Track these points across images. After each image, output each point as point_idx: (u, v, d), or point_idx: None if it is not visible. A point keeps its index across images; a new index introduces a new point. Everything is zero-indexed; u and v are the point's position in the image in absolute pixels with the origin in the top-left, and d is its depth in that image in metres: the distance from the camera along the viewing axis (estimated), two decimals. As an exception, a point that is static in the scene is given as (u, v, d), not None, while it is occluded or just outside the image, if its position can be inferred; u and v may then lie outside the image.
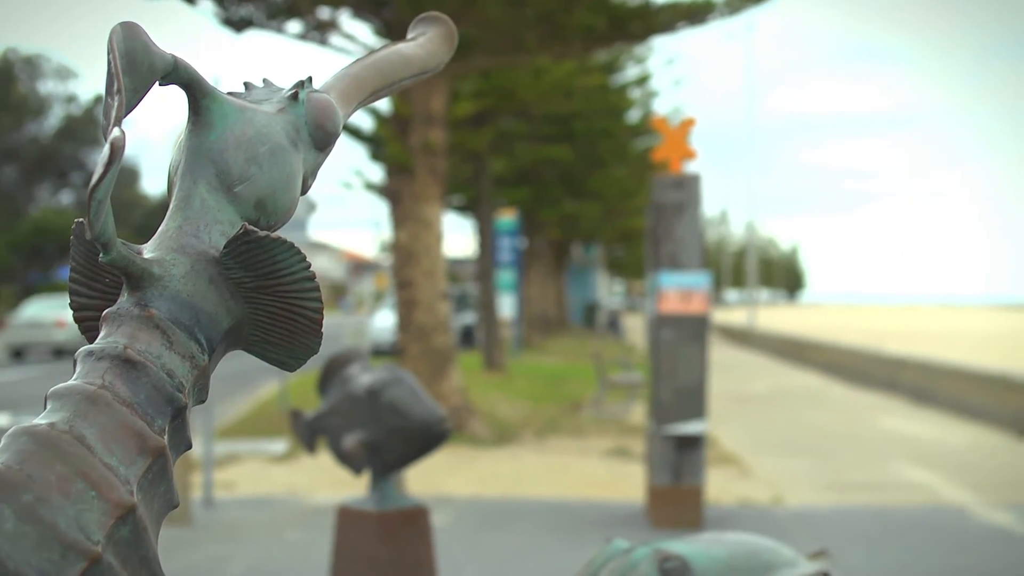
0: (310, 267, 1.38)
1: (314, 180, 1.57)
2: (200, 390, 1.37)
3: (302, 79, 1.56)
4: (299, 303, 1.38)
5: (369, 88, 1.64)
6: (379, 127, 20.16)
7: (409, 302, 16.94)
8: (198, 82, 1.42)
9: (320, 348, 1.45)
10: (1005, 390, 19.52)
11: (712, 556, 3.17)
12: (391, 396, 5.15)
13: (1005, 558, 9.70)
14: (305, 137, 1.50)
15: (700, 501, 10.80)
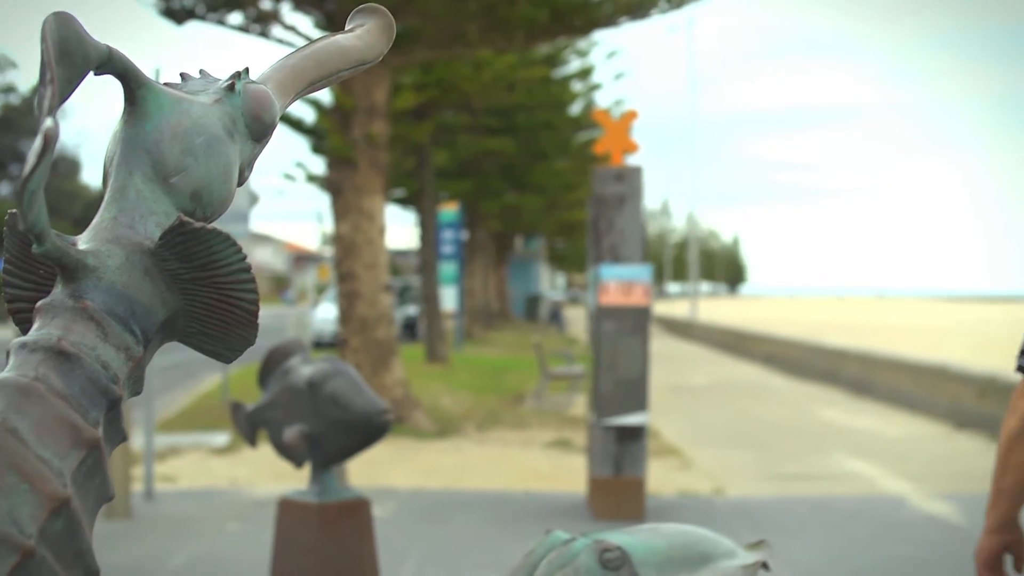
0: (246, 258, 1.37)
1: (251, 171, 1.56)
2: (135, 382, 1.36)
3: (239, 70, 1.55)
4: (235, 294, 1.38)
5: (306, 79, 1.64)
6: (321, 119, 20.08)
7: (351, 294, 16.90)
8: (133, 72, 1.41)
9: (256, 340, 1.44)
10: (942, 381, 19.71)
11: (651, 547, 3.18)
12: (332, 388, 5.14)
13: (942, 547, 9.80)
14: (242, 128, 1.49)
15: (641, 492, 10.83)
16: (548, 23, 17.29)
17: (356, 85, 16.78)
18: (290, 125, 21.55)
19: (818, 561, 9.21)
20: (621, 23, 17.70)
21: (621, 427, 10.76)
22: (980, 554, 3.57)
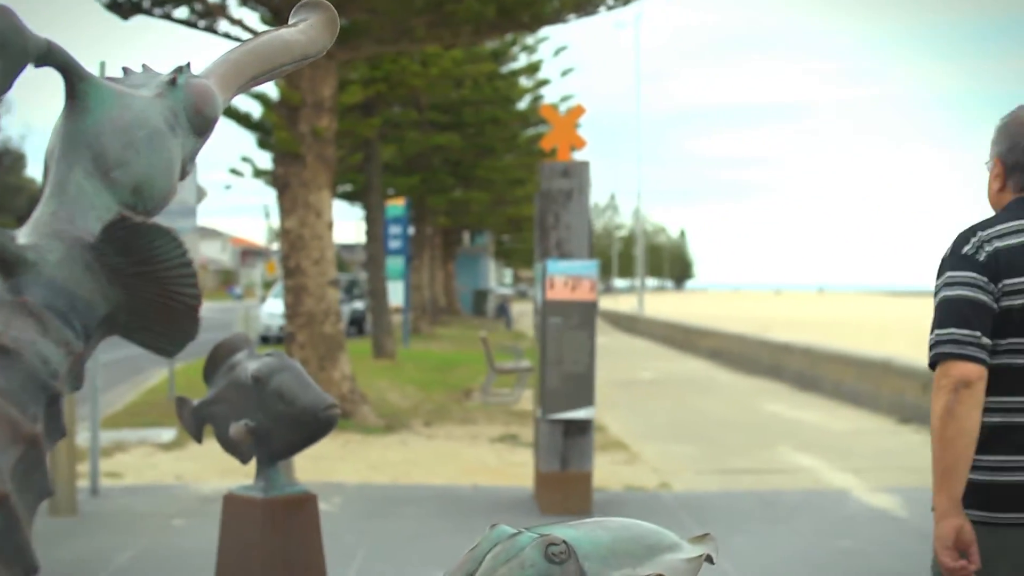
0: (187, 253, 1.37)
1: (193, 165, 1.56)
2: (75, 377, 1.36)
3: (181, 65, 1.55)
4: (176, 289, 1.37)
5: (249, 73, 1.64)
6: (267, 114, 20.03)
7: (298, 289, 16.86)
8: (73, 66, 1.41)
9: (199, 334, 1.44)
10: (886, 376, 19.85)
11: (596, 540, 3.18)
12: (277, 383, 5.13)
13: (886, 540, 9.88)
14: (184, 122, 1.49)
15: (588, 487, 10.86)
16: (495, 19, 17.30)
17: (303, 80, 16.73)
18: (237, 120, 21.46)
19: (763, 554, 9.27)
20: (568, 19, 17.74)
21: (568, 422, 10.78)
22: (941, 540, 3.74)
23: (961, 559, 3.72)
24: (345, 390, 16.86)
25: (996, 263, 3.74)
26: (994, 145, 3.98)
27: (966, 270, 3.77)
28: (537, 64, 41.12)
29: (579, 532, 3.34)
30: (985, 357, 3.72)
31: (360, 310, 44.83)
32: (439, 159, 42.48)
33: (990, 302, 3.74)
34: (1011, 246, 3.76)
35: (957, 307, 3.76)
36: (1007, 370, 3.78)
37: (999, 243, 3.77)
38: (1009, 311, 3.75)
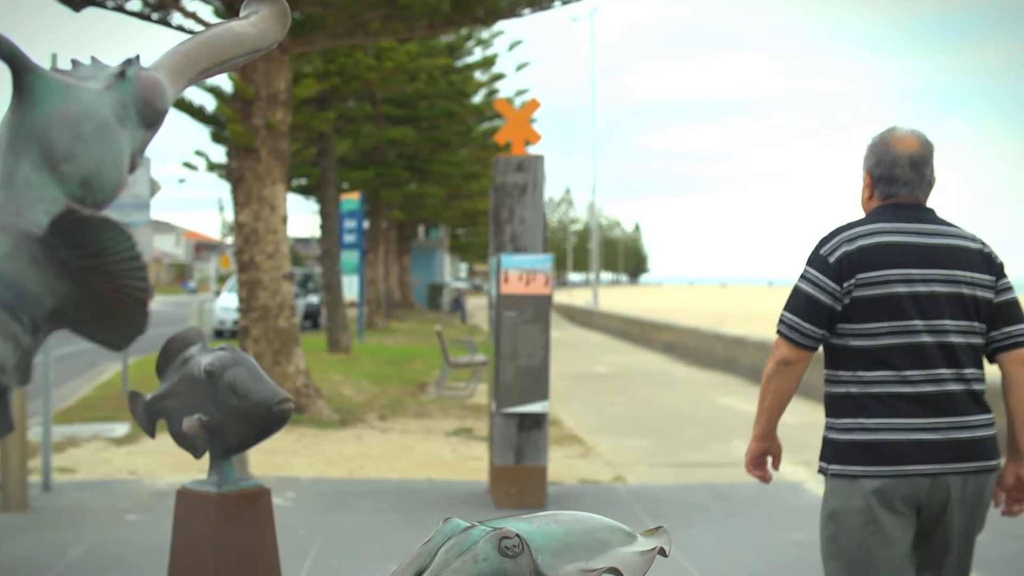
0: (136, 246, 1.36)
1: (143, 158, 1.55)
2: (23, 371, 1.34)
3: (130, 57, 1.53)
4: (125, 282, 1.36)
5: (200, 66, 1.63)
6: (221, 107, 19.93)
7: (252, 283, 16.80)
8: (20, 58, 1.39)
9: (147, 328, 1.43)
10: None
11: (549, 534, 3.19)
12: (230, 377, 5.11)
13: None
14: (133, 115, 1.47)
15: (543, 480, 10.87)
16: (449, 12, 17.29)
17: (257, 73, 16.67)
18: (191, 113, 21.35)
19: (717, 547, 9.31)
20: (523, 13, 17.74)
21: (522, 415, 10.79)
22: (748, 455, 4.98)
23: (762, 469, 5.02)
24: (299, 384, 16.83)
25: (847, 264, 4.57)
26: (865, 161, 4.83)
27: (817, 269, 4.63)
28: (492, 58, 41.12)
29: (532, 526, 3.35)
30: (808, 344, 4.65)
31: (315, 304, 44.73)
32: (394, 153, 42.43)
33: (827, 300, 4.59)
34: (868, 245, 4.57)
35: (800, 299, 4.67)
36: (871, 349, 4.57)
37: (857, 244, 4.59)
38: (861, 300, 4.55)
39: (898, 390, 4.55)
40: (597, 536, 3.33)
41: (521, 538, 3.10)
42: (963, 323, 4.61)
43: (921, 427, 4.52)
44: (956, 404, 4.59)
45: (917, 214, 4.70)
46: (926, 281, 4.58)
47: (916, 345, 4.56)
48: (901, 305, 4.56)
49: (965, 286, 4.62)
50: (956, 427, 4.57)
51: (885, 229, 4.63)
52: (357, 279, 35.56)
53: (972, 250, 4.68)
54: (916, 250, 4.61)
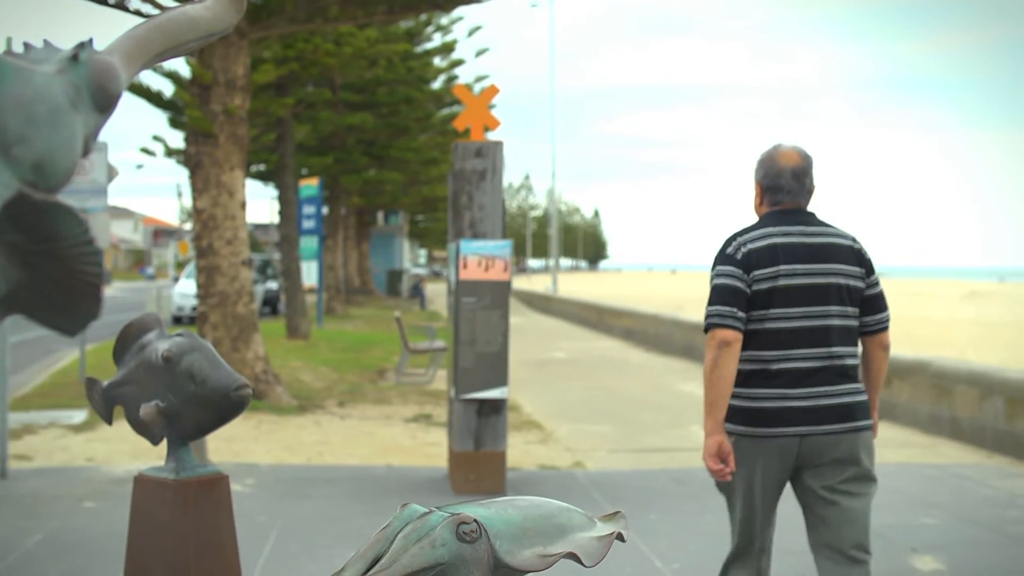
0: (89, 231, 1.35)
1: (95, 142, 1.54)
2: None
3: (83, 40, 1.52)
4: (78, 267, 1.35)
5: (154, 50, 1.62)
6: (179, 92, 19.83)
7: (210, 269, 16.74)
8: None
9: (101, 313, 1.42)
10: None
11: (507, 519, 3.20)
12: (188, 363, 5.09)
13: (794, 515, 9.97)
14: (86, 99, 1.46)
15: (502, 466, 10.89)
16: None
17: (215, 59, 16.60)
18: (148, 98, 21.24)
19: (675, 532, 9.34)
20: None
21: (481, 401, 10.80)
22: (708, 451, 5.51)
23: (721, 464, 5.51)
24: (258, 371, 16.79)
25: (749, 260, 5.45)
26: (755, 173, 5.75)
27: (728, 265, 5.50)
28: (451, 44, 41.08)
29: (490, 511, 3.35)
30: (739, 326, 5.40)
31: (274, 290, 44.63)
32: (353, 139, 42.36)
33: (744, 287, 5.43)
34: (759, 247, 5.48)
35: (721, 291, 5.46)
36: (762, 332, 5.47)
37: (752, 245, 5.49)
38: (759, 292, 5.44)
39: (782, 366, 5.46)
40: (555, 521, 3.34)
41: (479, 523, 3.11)
42: (839, 308, 5.54)
43: (795, 396, 5.43)
44: (826, 377, 5.48)
45: (800, 217, 5.62)
46: (809, 274, 5.49)
47: (797, 329, 5.47)
48: (788, 295, 5.46)
49: (841, 277, 5.53)
50: (825, 395, 5.46)
51: (773, 232, 5.53)
52: (316, 265, 35.48)
53: (845, 247, 5.60)
54: (800, 248, 5.51)
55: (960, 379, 14.65)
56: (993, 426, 13.75)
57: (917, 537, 9.23)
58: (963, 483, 11.64)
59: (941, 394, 15.05)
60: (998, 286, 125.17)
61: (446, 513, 3.16)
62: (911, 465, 12.77)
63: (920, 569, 8.28)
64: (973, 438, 14.17)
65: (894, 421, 16.21)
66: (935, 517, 10.04)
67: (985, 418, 13.94)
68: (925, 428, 15.35)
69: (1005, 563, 8.49)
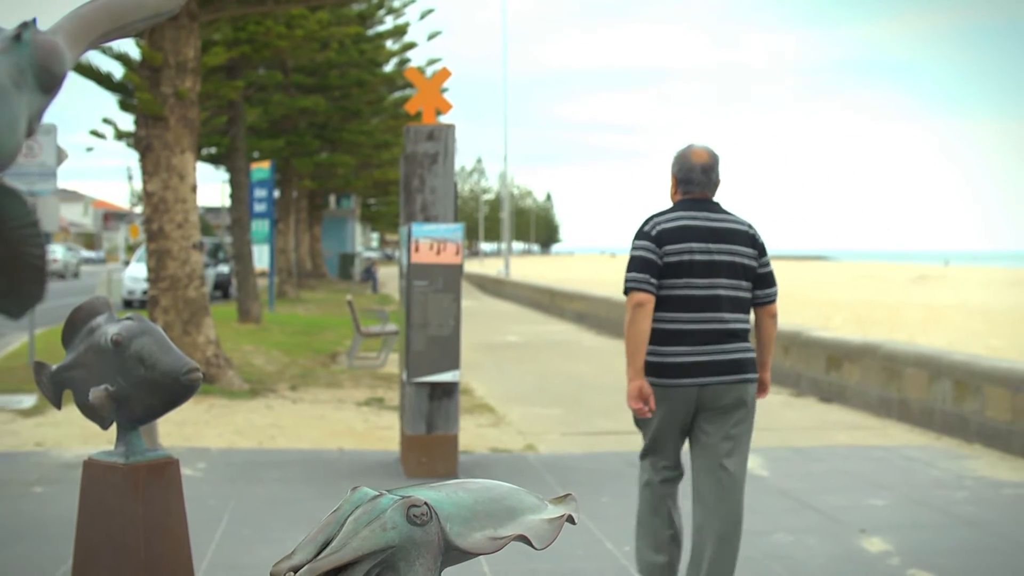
0: (33, 212, 1.34)
1: (40, 123, 1.52)
2: None
3: (26, 20, 1.50)
4: (23, 250, 1.34)
5: (100, 30, 1.60)
6: (129, 75, 19.69)
7: (161, 253, 16.66)
8: None
9: (45, 295, 1.41)
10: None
11: (458, 502, 3.20)
12: (137, 347, 5.06)
13: (747, 498, 10.03)
14: (30, 79, 1.44)
15: (454, 449, 10.89)
16: (360, -20, 17.20)
17: (165, 41, 16.50)
18: (97, 80, 21.06)
19: (627, 515, 9.35)
20: (434, -19, 17.67)
21: (433, 385, 10.79)
22: (631, 393, 6.52)
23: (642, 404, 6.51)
24: (210, 354, 16.73)
25: (661, 237, 6.53)
26: (672, 167, 6.82)
27: (645, 240, 6.60)
28: (403, 27, 40.97)
29: (441, 494, 3.36)
30: (652, 290, 6.47)
31: (225, 274, 44.44)
32: (304, 122, 42.21)
33: (656, 259, 6.51)
34: (672, 227, 6.57)
35: (638, 261, 6.54)
36: (670, 298, 6.53)
37: (665, 225, 6.58)
38: (669, 264, 6.50)
39: (682, 327, 6.54)
40: (506, 504, 3.35)
41: (429, 506, 3.11)
42: (733, 282, 6.61)
43: (694, 352, 6.53)
44: (719, 337, 6.57)
45: (706, 206, 6.70)
46: (709, 252, 6.55)
47: (697, 296, 6.54)
48: (691, 269, 6.52)
49: (736, 256, 6.60)
50: (717, 352, 6.56)
51: (684, 216, 6.62)
52: (268, 249, 35.36)
53: (742, 231, 6.68)
54: (704, 230, 6.58)
55: (909, 362, 14.76)
56: (941, 408, 13.86)
57: (866, 519, 9.29)
58: (912, 465, 11.74)
59: (891, 377, 15.16)
60: (944, 269, 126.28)
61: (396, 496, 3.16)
62: (860, 447, 12.86)
63: (869, 550, 8.34)
64: (922, 420, 14.28)
65: (844, 404, 16.32)
66: (884, 499, 10.12)
67: (934, 400, 14.05)
68: (875, 410, 15.46)
69: (953, 544, 8.56)
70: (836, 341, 17.13)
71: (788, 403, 16.70)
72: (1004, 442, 12.58)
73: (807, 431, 14.13)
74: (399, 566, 3.00)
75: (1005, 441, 12.57)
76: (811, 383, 17.56)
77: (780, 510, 9.68)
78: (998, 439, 12.70)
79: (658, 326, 6.55)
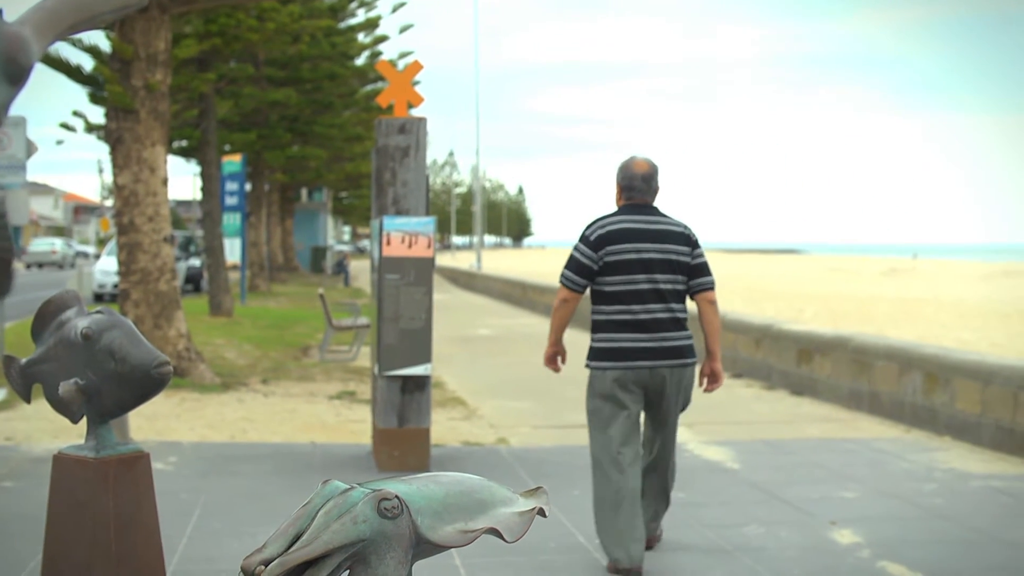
0: (2, 206, 1.33)
1: (7, 114, 1.52)
2: None
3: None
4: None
5: (67, 21, 1.60)
6: (99, 67, 19.61)
7: (132, 246, 16.60)
8: None
9: (12, 288, 1.40)
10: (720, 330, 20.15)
11: (429, 495, 3.21)
12: (108, 340, 5.05)
13: (718, 491, 10.08)
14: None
15: (426, 443, 10.89)
16: (332, -28, 17.16)
17: (135, 33, 16.43)
18: (67, 73, 20.96)
19: (598, 507, 9.38)
20: (406, -26, 17.64)
21: (405, 378, 10.79)
22: (546, 357, 8.29)
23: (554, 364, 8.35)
24: (181, 348, 16.68)
25: (601, 241, 7.55)
26: (616, 175, 7.83)
27: (583, 245, 7.64)
28: (375, 20, 40.90)
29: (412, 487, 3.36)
30: (578, 289, 7.72)
31: (196, 267, 44.32)
32: (276, 115, 42.11)
33: (590, 264, 7.59)
34: (615, 229, 7.57)
35: (574, 263, 7.67)
36: (616, 292, 7.58)
37: (610, 228, 7.58)
38: (615, 263, 7.52)
39: (626, 318, 7.57)
40: (477, 497, 3.36)
41: (400, 499, 3.11)
42: (670, 276, 7.59)
43: (641, 339, 7.54)
44: (663, 325, 7.57)
45: (646, 210, 7.69)
46: (648, 251, 7.53)
47: (639, 290, 7.54)
48: (632, 266, 7.52)
49: (672, 254, 7.58)
50: (663, 339, 7.55)
51: (626, 219, 7.61)
52: (239, 242, 35.26)
53: (677, 232, 7.65)
54: (644, 232, 7.57)
55: (880, 355, 14.81)
56: (911, 401, 13.92)
57: (837, 511, 9.33)
58: (882, 457, 11.79)
59: (861, 369, 15.22)
60: (913, 262, 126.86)
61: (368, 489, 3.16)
62: (831, 440, 12.91)
63: (839, 542, 8.38)
64: (892, 413, 14.34)
65: (815, 396, 16.37)
66: (854, 491, 10.16)
67: (904, 393, 14.11)
68: (845, 403, 15.51)
69: (923, 535, 8.60)
70: (807, 334, 17.19)
71: (759, 396, 16.75)
72: (973, 434, 12.65)
73: (778, 424, 14.18)
74: (370, 559, 3.01)
75: (974, 433, 12.63)
76: (782, 376, 17.61)
77: (751, 502, 9.71)
78: (967, 431, 12.77)
79: (608, 317, 7.67)
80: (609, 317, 7.62)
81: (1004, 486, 10.44)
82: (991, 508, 9.61)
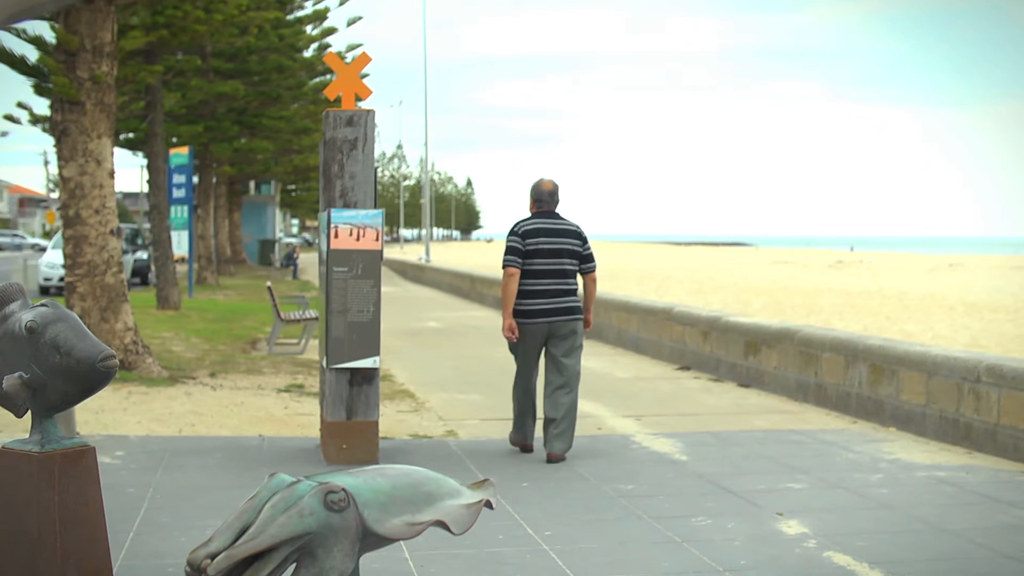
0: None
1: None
2: None
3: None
4: None
5: (7, 11, 1.59)
6: (44, 58, 19.46)
7: (78, 239, 16.48)
8: None
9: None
10: (667, 324, 20.25)
11: (375, 488, 3.21)
12: (53, 334, 5.02)
13: (666, 482, 10.12)
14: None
15: (374, 436, 10.88)
16: (279, -36, 17.09)
17: (81, 24, 16.31)
18: (11, 64, 20.79)
19: (548, 499, 9.41)
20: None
21: (353, 371, 10.77)
22: (504, 327, 10.90)
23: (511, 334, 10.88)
24: (128, 341, 16.59)
25: (525, 234, 10.85)
26: (530, 191, 11.18)
27: (515, 235, 10.89)
28: (323, 12, 40.83)
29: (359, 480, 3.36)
30: (518, 265, 10.75)
31: (144, 260, 44.09)
32: (224, 107, 41.96)
33: (521, 247, 10.80)
34: (531, 228, 10.89)
35: (510, 248, 10.87)
36: (531, 270, 10.80)
37: (527, 227, 10.90)
38: (531, 250, 10.80)
39: (538, 287, 10.83)
40: (424, 489, 3.36)
41: (347, 492, 3.11)
42: (567, 260, 10.92)
43: (545, 303, 10.84)
44: (560, 293, 10.90)
45: (551, 215, 11.05)
46: (553, 243, 10.86)
47: (547, 270, 10.83)
48: (543, 253, 10.81)
49: (568, 244, 10.93)
50: (560, 302, 10.89)
51: (539, 221, 10.95)
52: (187, 235, 35.09)
53: (572, 230, 11.01)
54: (551, 230, 10.91)
55: (826, 347, 14.90)
56: (857, 392, 14.02)
57: (783, 502, 9.39)
58: (828, 448, 11.87)
59: (808, 361, 15.31)
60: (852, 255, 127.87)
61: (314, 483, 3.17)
62: (778, 431, 12.98)
63: (786, 533, 8.43)
64: (838, 404, 14.44)
65: (762, 388, 16.46)
66: (801, 482, 10.22)
67: (850, 384, 14.21)
68: (793, 395, 15.60)
69: (869, 525, 8.67)
70: (754, 326, 17.27)
71: (707, 388, 16.82)
72: (918, 425, 12.75)
73: (726, 416, 14.25)
74: (317, 552, 3.01)
75: (919, 424, 12.73)
76: (730, 368, 17.69)
77: (698, 494, 9.75)
78: (912, 422, 12.87)
79: (524, 287, 10.85)
80: (528, 287, 10.85)
81: (948, 476, 10.53)
82: (935, 498, 9.69)
